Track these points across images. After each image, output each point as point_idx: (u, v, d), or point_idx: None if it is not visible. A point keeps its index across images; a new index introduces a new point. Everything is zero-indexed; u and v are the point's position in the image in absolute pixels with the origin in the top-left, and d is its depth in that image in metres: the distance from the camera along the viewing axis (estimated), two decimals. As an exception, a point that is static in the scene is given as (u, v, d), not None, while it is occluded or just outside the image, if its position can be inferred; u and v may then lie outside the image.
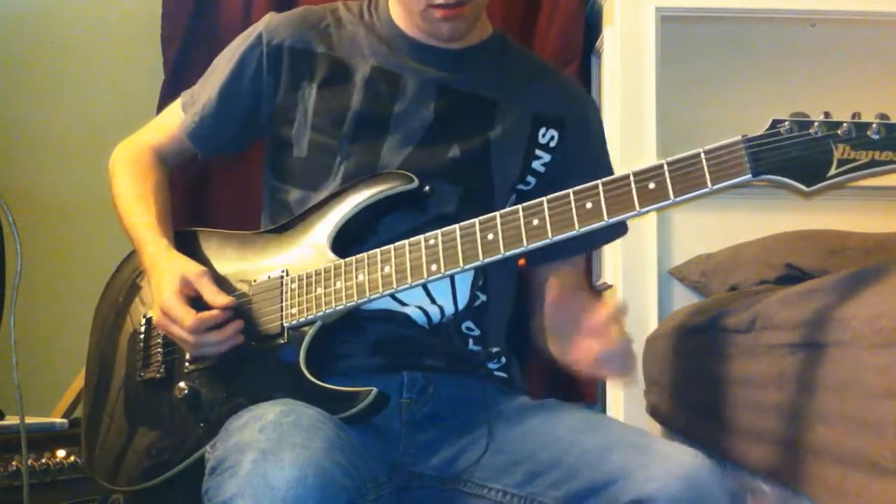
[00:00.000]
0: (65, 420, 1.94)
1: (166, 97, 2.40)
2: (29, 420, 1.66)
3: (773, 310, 1.46)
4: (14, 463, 1.79)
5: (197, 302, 1.36)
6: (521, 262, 1.52)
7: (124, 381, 1.47)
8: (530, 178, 1.47)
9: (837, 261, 2.02)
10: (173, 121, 1.58)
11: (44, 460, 1.85)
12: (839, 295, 1.28)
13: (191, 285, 1.37)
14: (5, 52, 2.75)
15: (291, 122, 1.47)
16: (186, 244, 1.49)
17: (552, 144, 1.48)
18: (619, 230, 1.54)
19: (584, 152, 1.52)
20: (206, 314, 1.34)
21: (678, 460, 1.14)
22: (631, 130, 2.40)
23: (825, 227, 2.29)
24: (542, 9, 2.66)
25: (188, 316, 1.33)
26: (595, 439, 1.23)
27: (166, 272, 1.39)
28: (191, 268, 1.39)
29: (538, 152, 1.47)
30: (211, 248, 1.49)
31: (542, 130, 1.48)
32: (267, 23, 1.52)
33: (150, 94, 2.61)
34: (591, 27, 2.69)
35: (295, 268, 1.37)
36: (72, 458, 1.87)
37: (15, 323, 1.60)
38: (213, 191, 2.66)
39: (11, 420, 1.81)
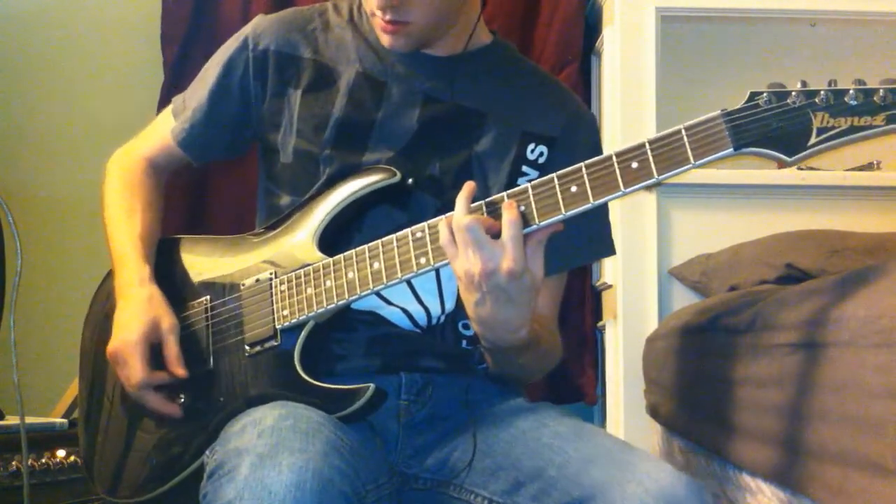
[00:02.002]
0: (65, 420, 1.94)
1: (166, 98, 2.40)
2: (29, 420, 1.65)
3: (773, 310, 1.46)
4: (14, 463, 1.79)
5: (156, 351, 1.37)
6: None
7: (119, 393, 1.46)
8: None
9: (837, 261, 2.02)
10: (165, 128, 1.57)
11: (44, 460, 1.85)
12: (839, 295, 1.27)
13: (158, 335, 1.37)
14: (5, 52, 2.74)
15: (278, 128, 1.45)
16: (172, 252, 1.48)
17: (541, 161, 1.45)
18: (604, 250, 1.53)
19: None
20: (156, 377, 1.36)
21: (657, 479, 1.13)
22: (631, 130, 2.40)
23: (825, 227, 2.29)
24: (542, 9, 2.66)
25: (141, 372, 1.35)
26: (579, 450, 1.22)
27: (141, 309, 1.38)
28: (165, 318, 1.38)
29: (525, 168, 1.44)
30: (198, 255, 1.48)
31: (531, 146, 1.45)
32: (254, 26, 1.50)
33: (150, 94, 2.61)
34: (591, 27, 2.69)
35: (283, 269, 1.36)
36: (72, 458, 1.87)
37: (15, 323, 1.60)
38: (212, 194, 2.66)
39: (11, 420, 1.81)
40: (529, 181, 1.42)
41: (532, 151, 1.45)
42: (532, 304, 1.21)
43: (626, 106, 2.44)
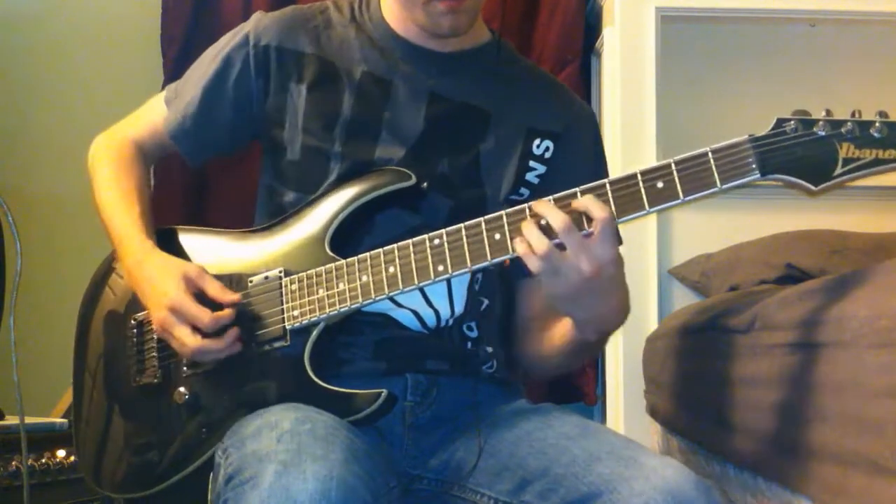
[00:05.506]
0: (65, 420, 1.94)
1: (166, 97, 2.40)
2: (29, 420, 1.66)
3: (772, 310, 1.46)
4: (14, 463, 1.79)
5: (200, 300, 1.32)
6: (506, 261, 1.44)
7: (118, 389, 1.44)
8: (524, 190, 1.44)
9: (837, 261, 2.03)
10: (156, 114, 1.54)
11: (44, 460, 1.85)
12: (839, 295, 1.28)
13: (194, 283, 1.33)
14: (5, 53, 2.75)
15: (283, 124, 1.44)
16: (171, 243, 1.46)
17: (547, 156, 1.45)
18: None
19: (581, 163, 1.47)
20: (221, 313, 1.31)
21: (664, 475, 1.13)
22: (631, 130, 2.40)
23: (825, 227, 2.29)
24: (542, 9, 2.67)
25: (204, 314, 1.30)
26: (584, 448, 1.22)
27: (164, 271, 1.35)
28: (190, 265, 1.36)
29: (532, 164, 1.44)
30: (198, 247, 1.45)
31: (537, 142, 1.45)
32: (255, 23, 1.48)
33: (150, 94, 2.55)
34: (591, 27, 2.69)
35: (293, 267, 1.35)
36: (72, 458, 1.87)
37: (15, 323, 1.60)
38: (212, 194, 2.66)
39: (11, 420, 1.81)
40: (537, 176, 1.44)
41: (538, 147, 1.45)
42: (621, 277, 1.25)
43: (626, 106, 2.44)
